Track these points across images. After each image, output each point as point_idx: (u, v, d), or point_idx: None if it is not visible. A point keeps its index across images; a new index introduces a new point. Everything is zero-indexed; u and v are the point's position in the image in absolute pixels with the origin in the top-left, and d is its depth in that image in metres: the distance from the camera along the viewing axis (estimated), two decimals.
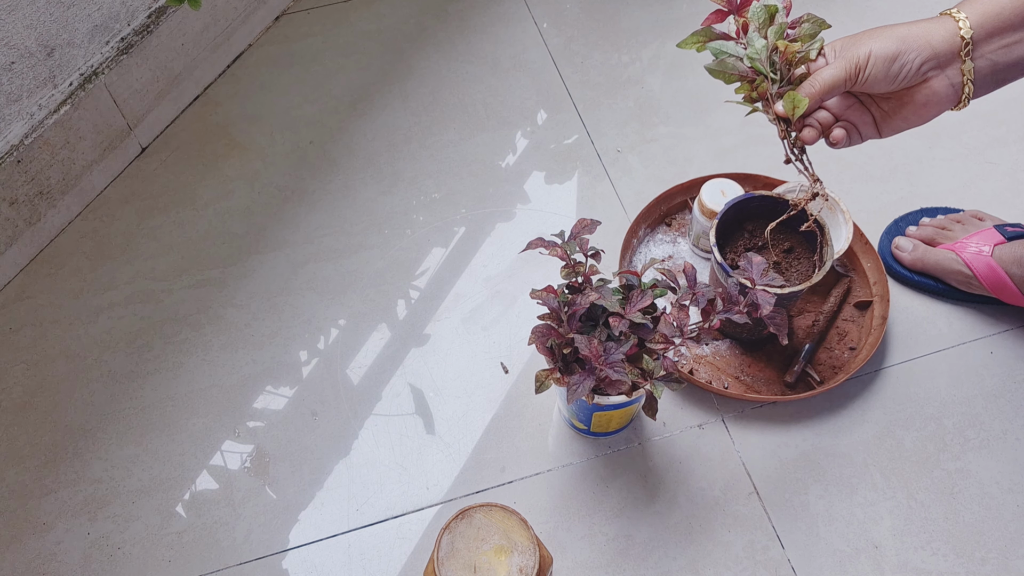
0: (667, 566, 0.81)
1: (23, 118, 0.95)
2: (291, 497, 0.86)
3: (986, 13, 0.66)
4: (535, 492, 0.85)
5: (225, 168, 1.10)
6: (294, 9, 1.27)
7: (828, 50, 0.69)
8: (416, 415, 0.90)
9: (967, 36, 0.66)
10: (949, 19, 0.67)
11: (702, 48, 0.69)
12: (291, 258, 1.02)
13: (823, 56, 0.69)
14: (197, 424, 0.90)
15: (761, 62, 0.68)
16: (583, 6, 1.26)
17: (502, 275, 1.00)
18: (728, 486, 0.85)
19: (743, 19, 0.68)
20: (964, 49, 0.66)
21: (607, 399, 0.74)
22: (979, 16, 0.66)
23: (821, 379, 0.89)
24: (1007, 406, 0.89)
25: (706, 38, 0.69)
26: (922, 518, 0.83)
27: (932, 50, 0.66)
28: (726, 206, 0.85)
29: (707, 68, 0.69)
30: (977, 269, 0.90)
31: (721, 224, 0.84)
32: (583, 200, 1.06)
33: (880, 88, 0.68)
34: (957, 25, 0.66)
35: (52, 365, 0.94)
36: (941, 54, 0.66)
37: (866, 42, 0.67)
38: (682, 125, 1.12)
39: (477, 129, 1.13)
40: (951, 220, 0.96)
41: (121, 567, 0.82)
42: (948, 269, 0.92)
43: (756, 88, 0.69)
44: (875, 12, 1.23)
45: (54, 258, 1.03)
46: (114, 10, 1.01)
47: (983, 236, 0.91)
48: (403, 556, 0.82)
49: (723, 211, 0.85)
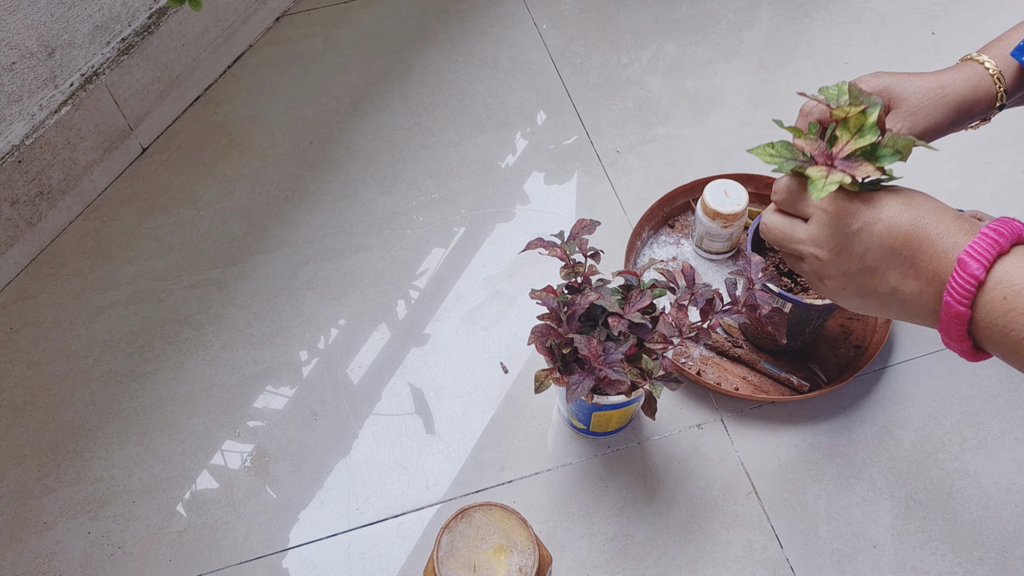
0: (666, 565, 0.81)
1: (24, 118, 0.95)
2: (291, 496, 0.86)
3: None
4: (534, 491, 0.85)
5: (225, 168, 1.10)
6: (294, 10, 1.27)
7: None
8: (416, 415, 0.91)
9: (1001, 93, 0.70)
10: (986, 75, 0.70)
11: (776, 165, 0.57)
12: (291, 258, 1.02)
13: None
14: (197, 423, 0.91)
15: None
16: (583, 7, 1.26)
17: (502, 275, 1.00)
18: (727, 485, 0.85)
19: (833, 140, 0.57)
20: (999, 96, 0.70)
21: (606, 399, 0.75)
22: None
23: (827, 379, 0.89)
24: (1005, 406, 0.89)
25: (787, 156, 0.57)
26: (920, 518, 0.83)
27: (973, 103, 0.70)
28: (755, 223, 0.82)
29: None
30: None
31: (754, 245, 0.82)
32: (582, 200, 1.06)
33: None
34: (993, 82, 0.70)
35: (53, 365, 0.95)
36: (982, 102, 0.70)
37: (921, 118, 0.69)
38: (681, 126, 1.13)
39: (477, 130, 1.13)
40: None
41: (121, 566, 0.82)
42: None
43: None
44: (874, 13, 1.23)
45: (55, 258, 1.03)
46: (115, 11, 1.01)
47: None
48: (403, 555, 0.82)
49: (751, 233, 0.81)
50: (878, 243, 0.53)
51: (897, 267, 0.53)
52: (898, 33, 1.21)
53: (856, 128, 0.54)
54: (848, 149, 0.54)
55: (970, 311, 0.49)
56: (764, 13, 1.25)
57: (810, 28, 1.22)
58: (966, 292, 0.49)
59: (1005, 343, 0.49)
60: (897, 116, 0.69)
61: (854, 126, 0.54)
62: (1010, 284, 0.48)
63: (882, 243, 0.53)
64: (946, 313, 0.50)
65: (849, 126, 0.54)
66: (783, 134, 1.10)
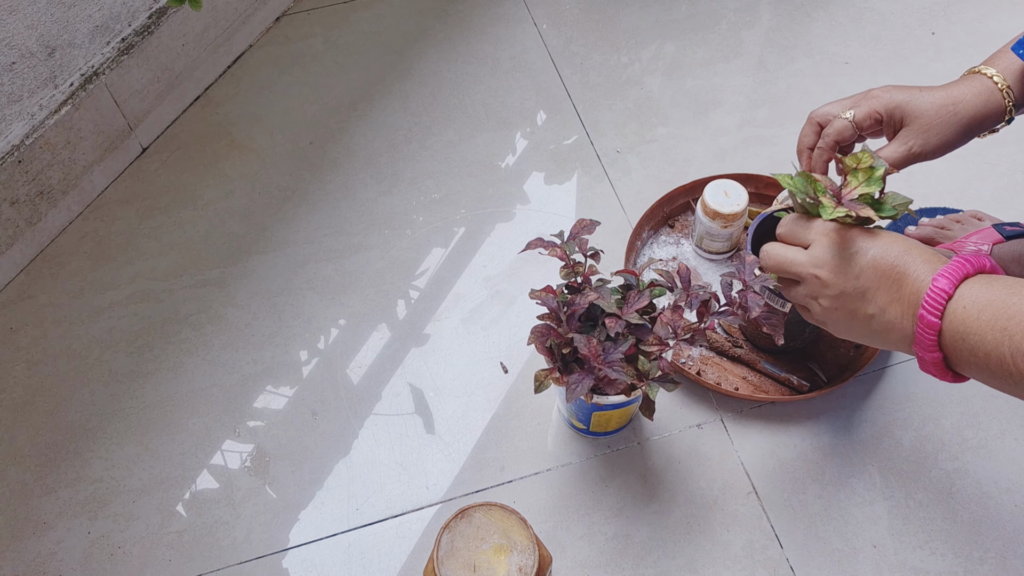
0: (666, 565, 0.81)
1: (24, 118, 0.95)
2: (291, 496, 0.86)
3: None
4: (534, 491, 0.85)
5: (225, 168, 1.10)
6: (294, 10, 1.27)
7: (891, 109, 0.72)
8: (416, 415, 0.91)
9: (1009, 105, 0.71)
10: (993, 87, 0.70)
11: (793, 190, 0.65)
12: (291, 258, 1.02)
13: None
14: (197, 423, 0.91)
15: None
16: (583, 7, 1.26)
17: (502, 275, 1.00)
18: (727, 485, 0.85)
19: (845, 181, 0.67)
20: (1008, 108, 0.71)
21: (606, 399, 0.75)
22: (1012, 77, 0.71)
23: (827, 379, 0.89)
24: (1005, 406, 0.89)
25: (801, 188, 0.66)
26: (920, 518, 0.83)
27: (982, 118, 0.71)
28: (755, 224, 0.83)
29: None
30: None
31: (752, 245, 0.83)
32: (582, 200, 1.06)
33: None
34: (1002, 95, 0.71)
35: (53, 364, 0.95)
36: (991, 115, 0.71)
37: (933, 135, 0.70)
38: (681, 126, 1.13)
39: (477, 129, 1.13)
40: (950, 220, 0.96)
41: (122, 566, 0.82)
42: None
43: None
44: (874, 12, 1.23)
45: (55, 258, 1.03)
46: (115, 11, 1.01)
47: (982, 235, 0.91)
48: (403, 555, 0.82)
49: (751, 233, 0.82)
50: (871, 265, 0.61)
51: (885, 290, 0.60)
52: (898, 33, 1.21)
53: (865, 178, 0.65)
54: (856, 192, 0.65)
55: (940, 321, 0.56)
56: (764, 13, 1.25)
57: (810, 28, 1.22)
58: (938, 303, 0.56)
59: (964, 348, 0.56)
60: (909, 133, 0.70)
61: (864, 176, 0.65)
62: (969, 296, 0.55)
63: (875, 266, 0.60)
64: (920, 324, 0.57)
65: (859, 176, 0.65)
66: (783, 135, 1.10)
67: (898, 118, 0.71)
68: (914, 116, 0.70)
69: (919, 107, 0.70)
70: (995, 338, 0.53)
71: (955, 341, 0.56)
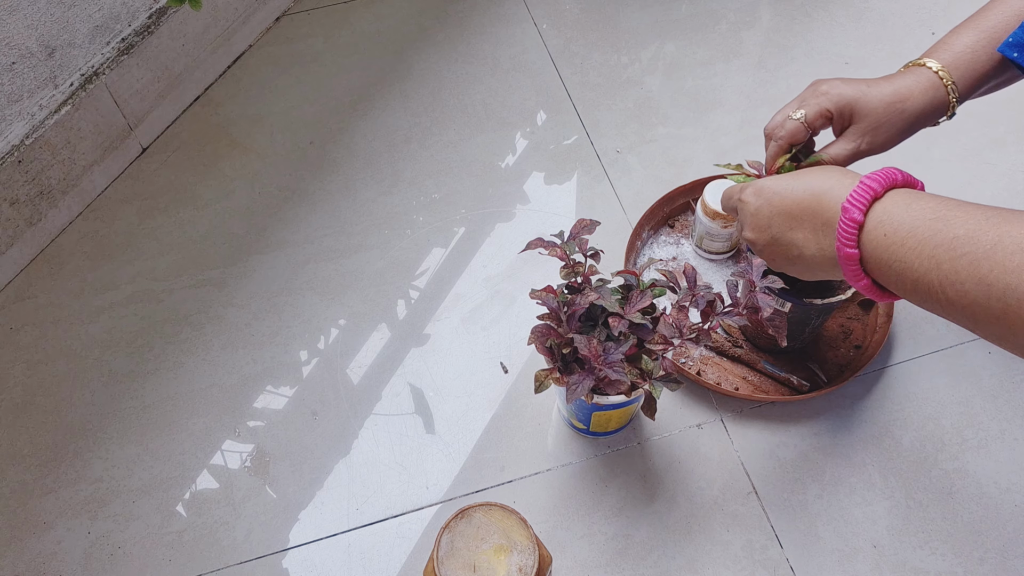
0: (666, 565, 0.81)
1: (24, 118, 0.95)
2: (291, 496, 0.86)
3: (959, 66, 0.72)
4: (534, 491, 0.85)
5: (225, 168, 1.10)
6: (295, 10, 1.27)
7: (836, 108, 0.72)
8: (416, 415, 0.91)
9: (953, 100, 0.71)
10: (939, 83, 0.71)
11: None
12: (291, 258, 1.02)
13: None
14: (197, 423, 0.91)
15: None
16: (583, 7, 1.26)
17: (502, 275, 1.00)
18: (727, 486, 0.85)
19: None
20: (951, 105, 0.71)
21: (606, 399, 0.75)
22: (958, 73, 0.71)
23: (827, 379, 0.89)
24: (1005, 406, 0.89)
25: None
26: (920, 518, 0.83)
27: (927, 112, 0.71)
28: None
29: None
30: None
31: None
32: (582, 200, 1.06)
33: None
34: (946, 91, 0.71)
35: (53, 365, 0.95)
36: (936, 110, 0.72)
37: (880, 133, 0.71)
38: (681, 126, 1.13)
39: (477, 130, 1.13)
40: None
41: (121, 566, 0.82)
42: None
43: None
44: (874, 12, 1.23)
45: (55, 258, 1.03)
46: (115, 11, 1.01)
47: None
48: (403, 555, 0.82)
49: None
50: (776, 211, 0.63)
51: (798, 229, 0.61)
52: (898, 33, 1.21)
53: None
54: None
55: (858, 251, 0.56)
56: (764, 13, 1.25)
57: (810, 28, 1.22)
58: (850, 234, 0.56)
59: (891, 274, 0.54)
60: (858, 131, 0.71)
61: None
62: (889, 222, 0.54)
63: (780, 211, 0.62)
64: (840, 257, 0.57)
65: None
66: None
67: (848, 115, 0.71)
68: (863, 114, 0.70)
69: (868, 104, 0.70)
70: (923, 265, 0.52)
71: (880, 267, 0.55)
